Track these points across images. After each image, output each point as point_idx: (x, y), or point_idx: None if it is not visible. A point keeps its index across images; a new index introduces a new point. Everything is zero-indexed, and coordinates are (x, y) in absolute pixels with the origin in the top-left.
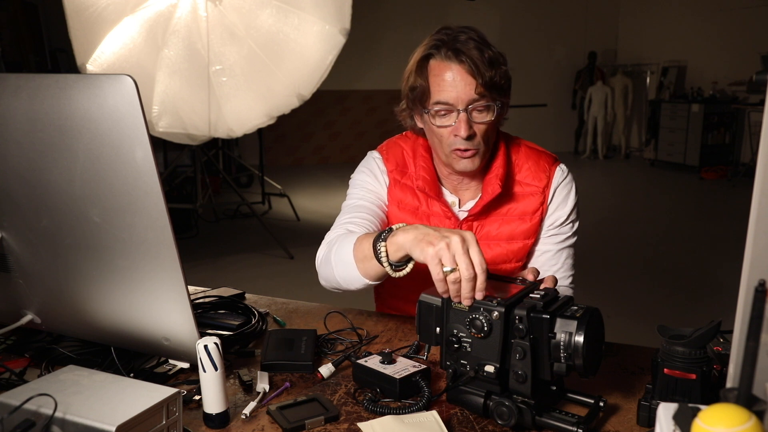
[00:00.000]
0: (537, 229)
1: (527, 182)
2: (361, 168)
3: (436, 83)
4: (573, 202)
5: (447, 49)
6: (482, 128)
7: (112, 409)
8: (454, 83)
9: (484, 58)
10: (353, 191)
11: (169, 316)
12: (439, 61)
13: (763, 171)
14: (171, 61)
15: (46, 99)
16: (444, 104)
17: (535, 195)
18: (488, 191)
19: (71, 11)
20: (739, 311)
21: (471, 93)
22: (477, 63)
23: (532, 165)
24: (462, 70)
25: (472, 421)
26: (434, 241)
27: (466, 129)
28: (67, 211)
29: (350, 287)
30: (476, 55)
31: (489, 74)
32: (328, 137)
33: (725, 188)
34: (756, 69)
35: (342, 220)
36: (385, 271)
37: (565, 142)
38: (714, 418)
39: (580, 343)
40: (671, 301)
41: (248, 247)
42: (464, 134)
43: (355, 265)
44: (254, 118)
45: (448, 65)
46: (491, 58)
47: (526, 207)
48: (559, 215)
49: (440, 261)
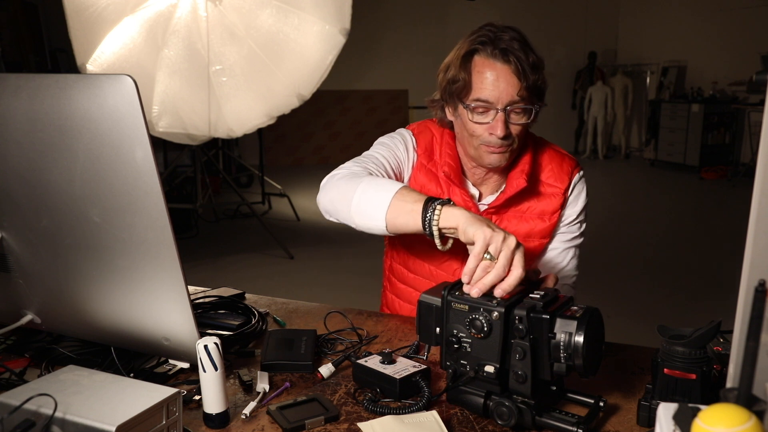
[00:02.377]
0: (553, 229)
1: (550, 183)
2: (393, 135)
3: (479, 80)
4: (584, 202)
5: (494, 48)
6: (517, 129)
7: (112, 409)
8: (497, 83)
9: (529, 61)
10: (378, 148)
11: (169, 316)
12: (484, 58)
13: (763, 171)
14: (171, 61)
15: (46, 99)
16: (484, 102)
17: (556, 196)
18: (513, 185)
19: (71, 11)
20: (739, 311)
21: (513, 94)
22: (523, 65)
23: (556, 167)
24: (508, 70)
25: (472, 421)
26: (494, 228)
27: (503, 129)
28: (67, 211)
29: (354, 221)
30: (522, 57)
31: (533, 78)
32: (328, 137)
33: (725, 188)
34: (756, 69)
35: (361, 162)
36: (416, 228)
37: (565, 142)
38: (714, 418)
39: (580, 343)
40: (671, 301)
41: (248, 247)
42: (501, 134)
43: (386, 206)
44: (254, 118)
45: (494, 64)
46: (535, 62)
47: (546, 207)
48: (569, 213)
49: (487, 246)
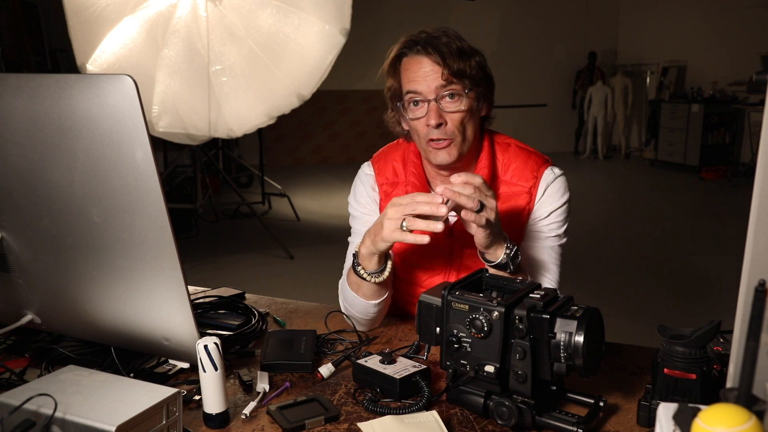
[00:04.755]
0: (525, 229)
1: (513, 182)
2: (354, 189)
3: (406, 77)
4: (562, 202)
5: (417, 45)
6: (455, 117)
7: (112, 409)
8: (424, 74)
9: (452, 49)
10: (354, 225)
11: (169, 316)
12: (410, 57)
13: (763, 171)
14: (171, 61)
15: (46, 99)
16: (413, 93)
17: (521, 195)
18: None
19: (71, 11)
20: (739, 311)
21: (438, 80)
22: (444, 53)
23: (520, 164)
24: (430, 61)
25: (472, 421)
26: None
27: (435, 117)
28: (67, 211)
29: (368, 316)
30: (444, 48)
31: (459, 63)
32: (328, 137)
33: (725, 188)
34: (756, 69)
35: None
36: (366, 284)
37: (565, 142)
38: (714, 418)
39: (580, 343)
40: (671, 301)
41: (248, 247)
42: (434, 122)
43: (358, 297)
44: (254, 118)
45: (418, 59)
46: (461, 48)
47: (512, 207)
48: (543, 212)
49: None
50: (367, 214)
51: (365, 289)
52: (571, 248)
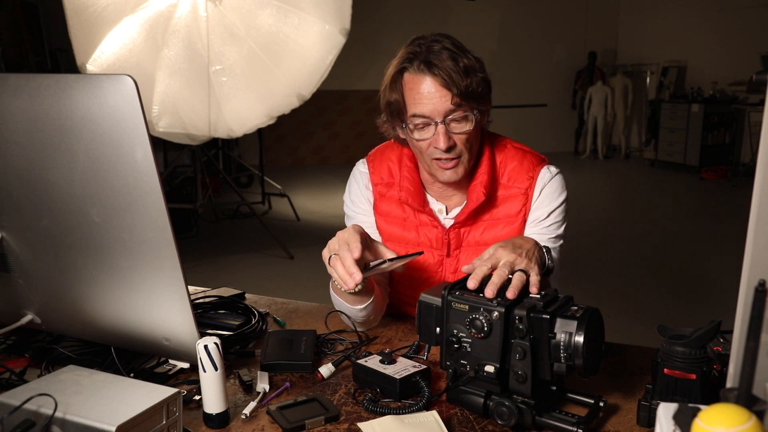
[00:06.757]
0: (522, 231)
1: (510, 184)
2: (349, 188)
3: (411, 97)
4: (559, 202)
5: (419, 62)
6: (462, 138)
7: (112, 409)
8: (430, 96)
9: (458, 68)
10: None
11: (169, 316)
12: (412, 75)
13: (763, 171)
14: (171, 61)
15: (46, 99)
16: (421, 117)
17: (518, 197)
18: (473, 199)
19: (71, 11)
20: (739, 311)
21: (447, 104)
22: (451, 74)
23: (516, 165)
24: (436, 82)
25: (472, 421)
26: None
27: (445, 141)
28: (67, 211)
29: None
30: (450, 65)
31: (464, 84)
32: (328, 137)
33: (725, 188)
34: (756, 69)
35: None
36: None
37: (565, 142)
38: (714, 418)
39: (580, 343)
40: (671, 301)
41: (248, 247)
42: (443, 146)
43: (344, 302)
44: (254, 118)
45: (422, 78)
46: (466, 66)
47: (510, 209)
48: (540, 213)
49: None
50: (362, 215)
51: (346, 296)
52: (571, 248)
